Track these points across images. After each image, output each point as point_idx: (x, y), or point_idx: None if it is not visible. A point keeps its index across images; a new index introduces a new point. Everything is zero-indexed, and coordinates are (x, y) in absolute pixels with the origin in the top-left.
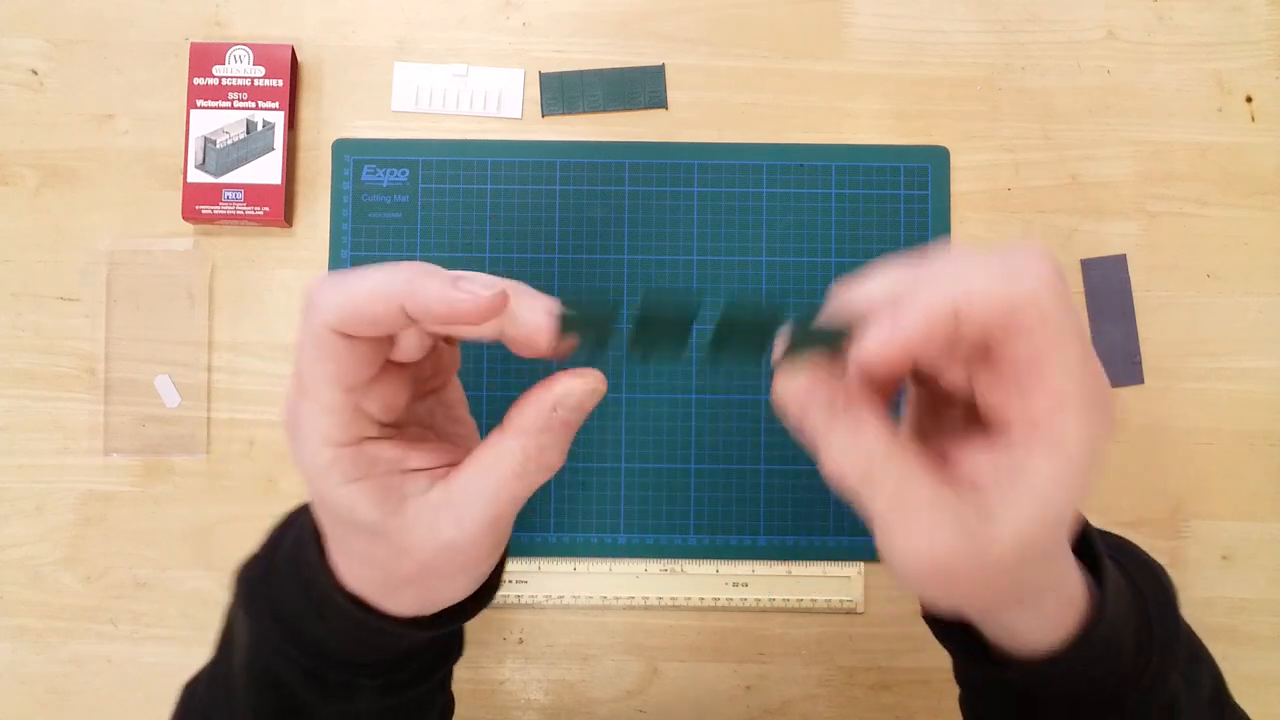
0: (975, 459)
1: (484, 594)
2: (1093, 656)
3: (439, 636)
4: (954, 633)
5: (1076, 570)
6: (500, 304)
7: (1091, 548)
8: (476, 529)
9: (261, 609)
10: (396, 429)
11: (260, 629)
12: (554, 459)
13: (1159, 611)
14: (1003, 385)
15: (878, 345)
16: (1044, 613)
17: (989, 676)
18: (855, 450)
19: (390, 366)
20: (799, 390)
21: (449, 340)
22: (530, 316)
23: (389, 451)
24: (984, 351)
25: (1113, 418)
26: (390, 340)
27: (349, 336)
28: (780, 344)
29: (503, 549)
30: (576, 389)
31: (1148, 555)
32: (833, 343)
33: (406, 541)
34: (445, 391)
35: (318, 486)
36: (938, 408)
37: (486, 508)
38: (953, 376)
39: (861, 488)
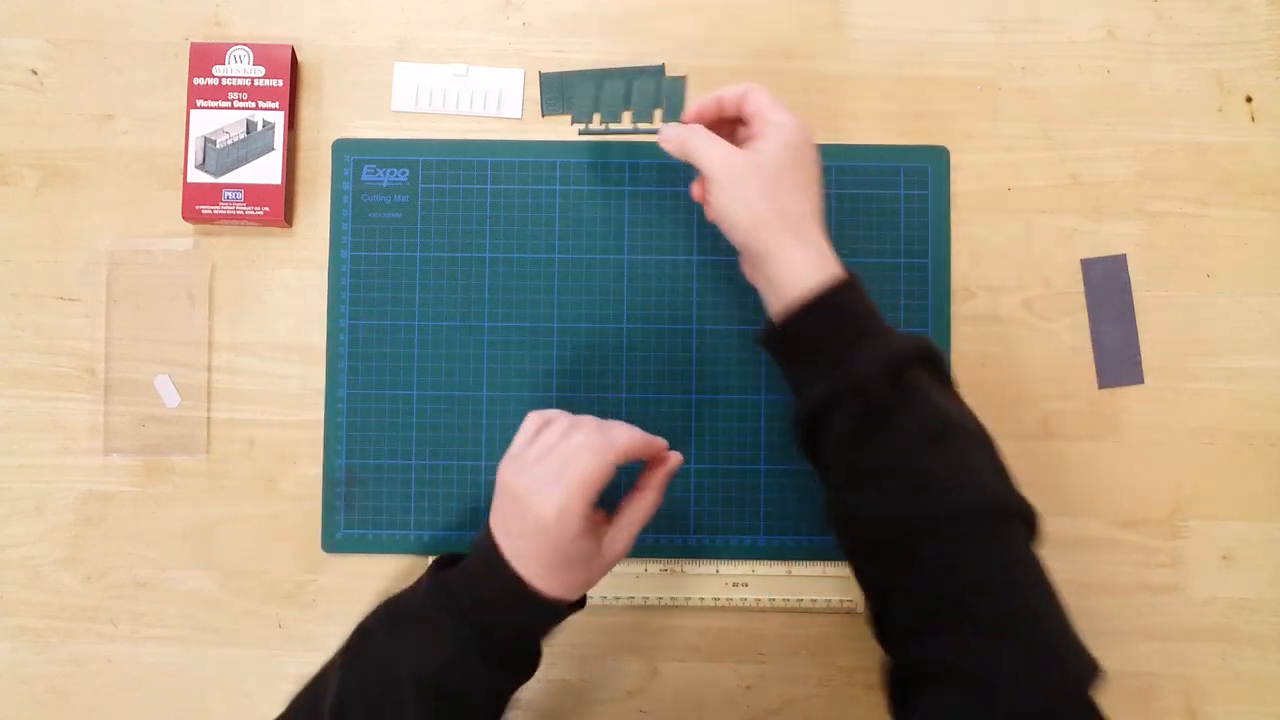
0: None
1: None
2: (839, 303)
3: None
4: (774, 343)
5: (826, 244)
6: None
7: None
8: (629, 543)
9: (461, 621)
10: None
11: (459, 626)
12: (660, 500)
13: (915, 345)
14: (750, 122)
15: (692, 108)
16: (807, 253)
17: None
18: (686, 130)
19: None
20: (670, 130)
21: None
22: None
23: (592, 515)
24: (743, 116)
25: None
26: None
27: (615, 463)
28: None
29: None
30: (675, 461)
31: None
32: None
33: (604, 557)
34: None
35: (569, 540)
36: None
37: (633, 529)
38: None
39: (688, 143)
